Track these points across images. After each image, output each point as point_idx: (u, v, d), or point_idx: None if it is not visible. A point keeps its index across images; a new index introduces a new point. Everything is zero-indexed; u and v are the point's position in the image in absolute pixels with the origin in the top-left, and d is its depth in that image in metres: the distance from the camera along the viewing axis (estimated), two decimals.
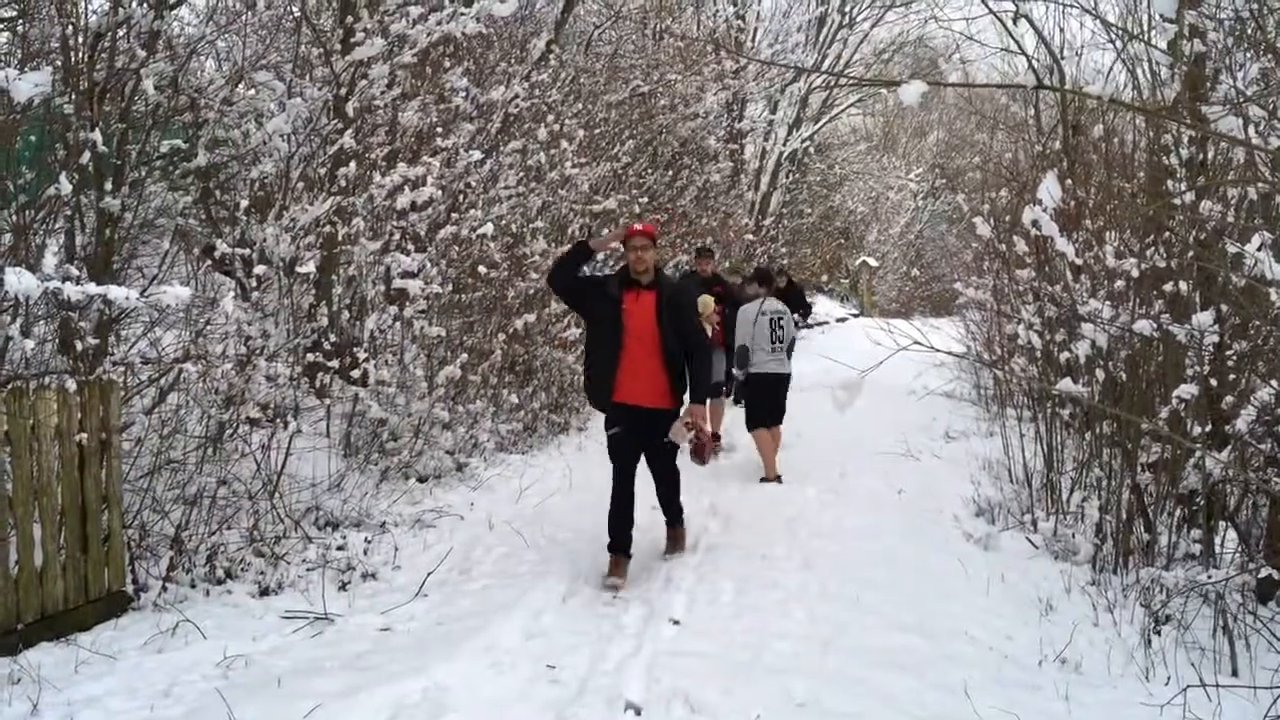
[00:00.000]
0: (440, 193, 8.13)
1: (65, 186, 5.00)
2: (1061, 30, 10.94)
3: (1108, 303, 6.82)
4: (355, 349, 7.49)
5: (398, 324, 8.10)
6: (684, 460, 6.53)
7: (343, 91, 7.48)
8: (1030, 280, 8.34)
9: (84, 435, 4.89)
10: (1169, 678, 4.63)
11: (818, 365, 12.88)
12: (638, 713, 4.19)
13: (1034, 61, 9.37)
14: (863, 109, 31.03)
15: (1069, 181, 7.84)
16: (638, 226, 6.18)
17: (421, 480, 7.89)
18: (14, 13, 5.75)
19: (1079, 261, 7.21)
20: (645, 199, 13.49)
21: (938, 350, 3.63)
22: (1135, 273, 6.52)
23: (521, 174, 9.74)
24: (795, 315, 10.06)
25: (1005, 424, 9.13)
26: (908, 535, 6.95)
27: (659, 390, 6.14)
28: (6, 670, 4.29)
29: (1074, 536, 6.63)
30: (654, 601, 5.66)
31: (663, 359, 6.11)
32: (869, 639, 5.02)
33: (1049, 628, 5.27)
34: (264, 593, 5.53)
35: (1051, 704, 4.40)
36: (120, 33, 5.94)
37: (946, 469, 9.07)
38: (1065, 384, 6.17)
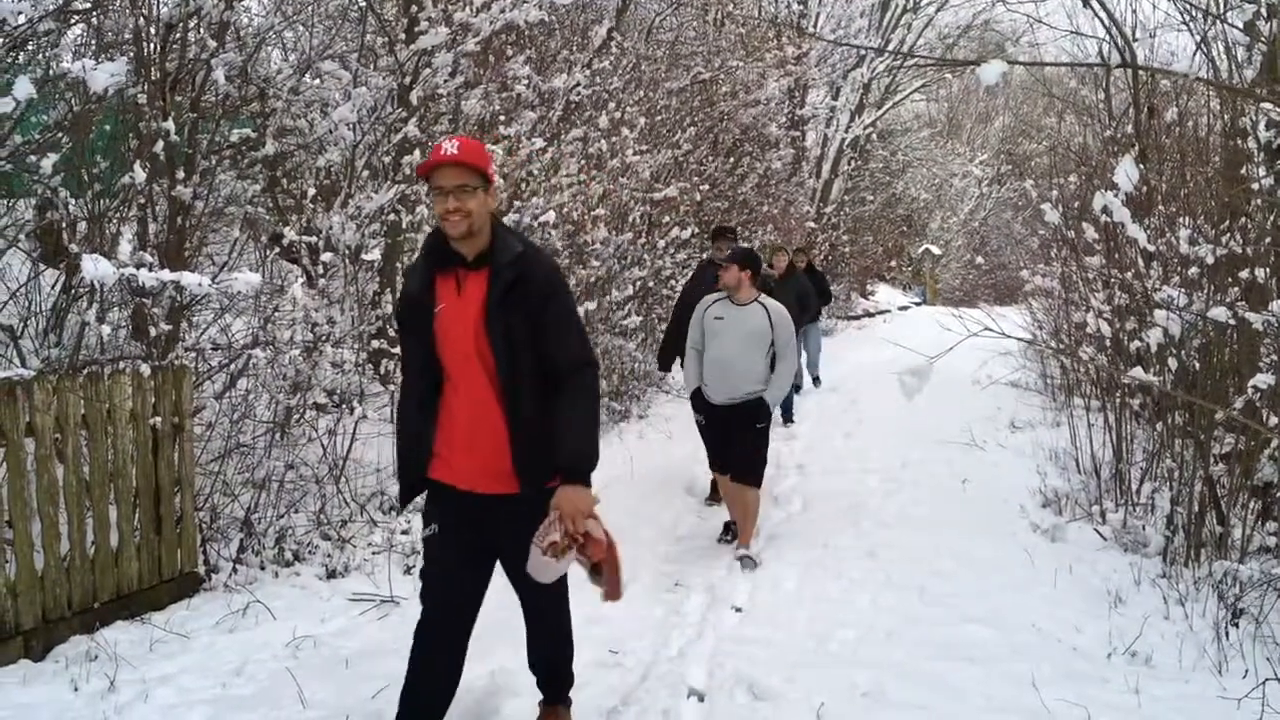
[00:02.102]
0: (502, 181, 8.16)
1: (139, 175, 5.11)
2: (1135, 12, 10.68)
3: (1181, 290, 6.67)
4: None
5: None
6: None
7: (407, 80, 7.55)
8: (1100, 267, 8.17)
9: (158, 419, 4.99)
10: (1245, 671, 4.52)
11: (884, 353, 12.77)
12: (701, 699, 4.19)
13: (1104, 44, 9.20)
14: (926, 94, 30.68)
15: (1141, 166, 7.67)
16: (447, 145, 3.26)
17: None
18: (88, 4, 5.85)
19: (1151, 248, 7.05)
20: (706, 186, 13.45)
21: (1009, 336, 3.57)
22: (1210, 259, 6.36)
23: (582, 162, 9.75)
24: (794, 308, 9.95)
25: (1073, 414, 8.96)
26: (973, 526, 6.86)
27: (498, 463, 3.35)
28: (84, 647, 4.40)
29: (1144, 528, 6.50)
30: (716, 588, 5.66)
31: (500, 404, 3.33)
32: (934, 630, 4.97)
33: (1118, 620, 5.17)
34: (331, 575, 5.62)
35: (1122, 697, 4.32)
36: (191, 24, 6.04)
37: (1012, 459, 8.93)
38: (1136, 372, 6.04)
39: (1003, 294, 29.31)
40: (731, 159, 15.17)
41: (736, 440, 6.31)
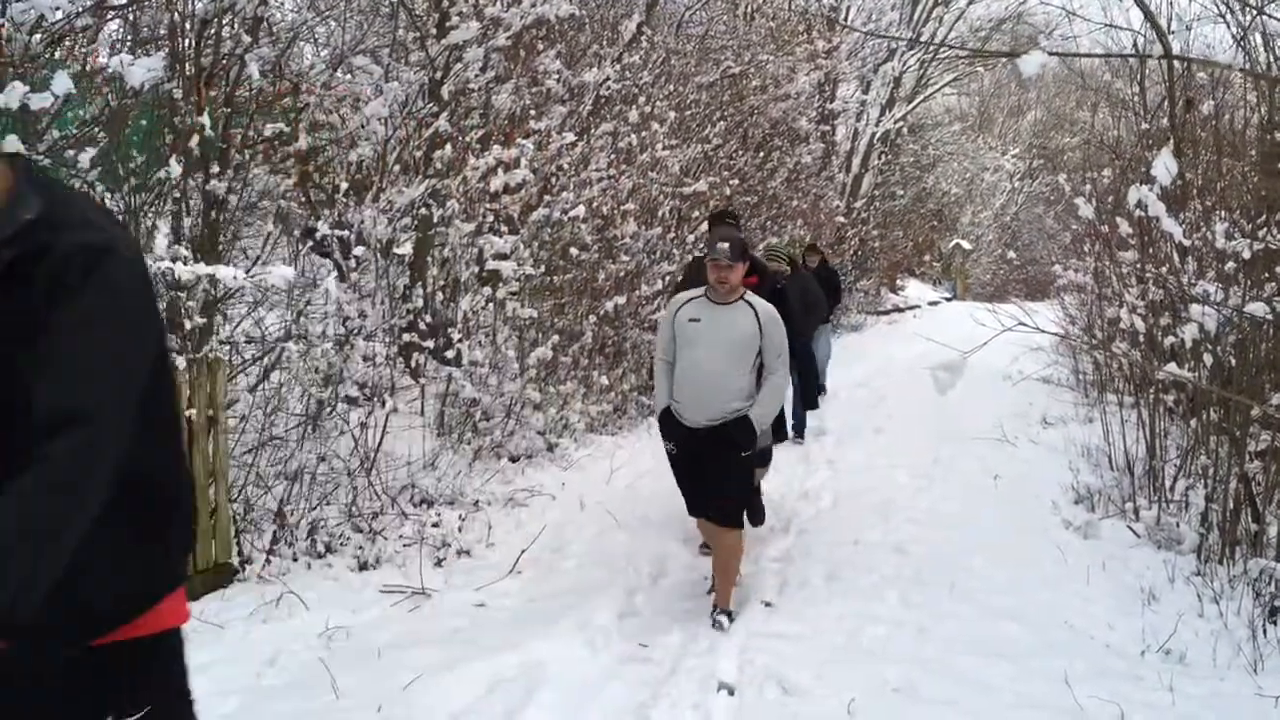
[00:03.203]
0: (532, 175, 8.19)
1: (175, 169, 5.15)
2: (1171, 4, 10.55)
3: (1217, 285, 6.60)
4: (449, 330, 7.59)
5: (490, 305, 8.19)
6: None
7: (438, 75, 7.57)
8: (1134, 262, 8.10)
9: (193, 411, 5.04)
10: None
11: (914, 348, 12.71)
12: (731, 693, 4.19)
13: (1139, 37, 9.10)
14: (957, 88, 30.47)
15: (1177, 160, 7.59)
16: None
17: (513, 460, 7.98)
18: (124, 0, 5.91)
19: (1186, 242, 6.98)
20: (735, 181, 13.41)
21: (1045, 331, 3.54)
22: (1247, 254, 6.28)
23: (612, 156, 9.75)
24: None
25: (1105, 410, 8.89)
26: (1004, 522, 6.82)
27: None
28: None
29: (1178, 525, 6.44)
30: (745, 583, 5.65)
31: None
32: (965, 626, 4.95)
33: (1152, 618, 5.13)
34: (363, 567, 5.66)
35: (1155, 694, 4.29)
36: (225, 19, 6.08)
37: (1044, 455, 8.87)
38: (1171, 368, 5.98)
39: (1034, 289, 29.11)
40: (761, 153, 15.12)
41: (715, 472, 5.13)
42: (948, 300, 30.32)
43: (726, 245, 5.01)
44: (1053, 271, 13.02)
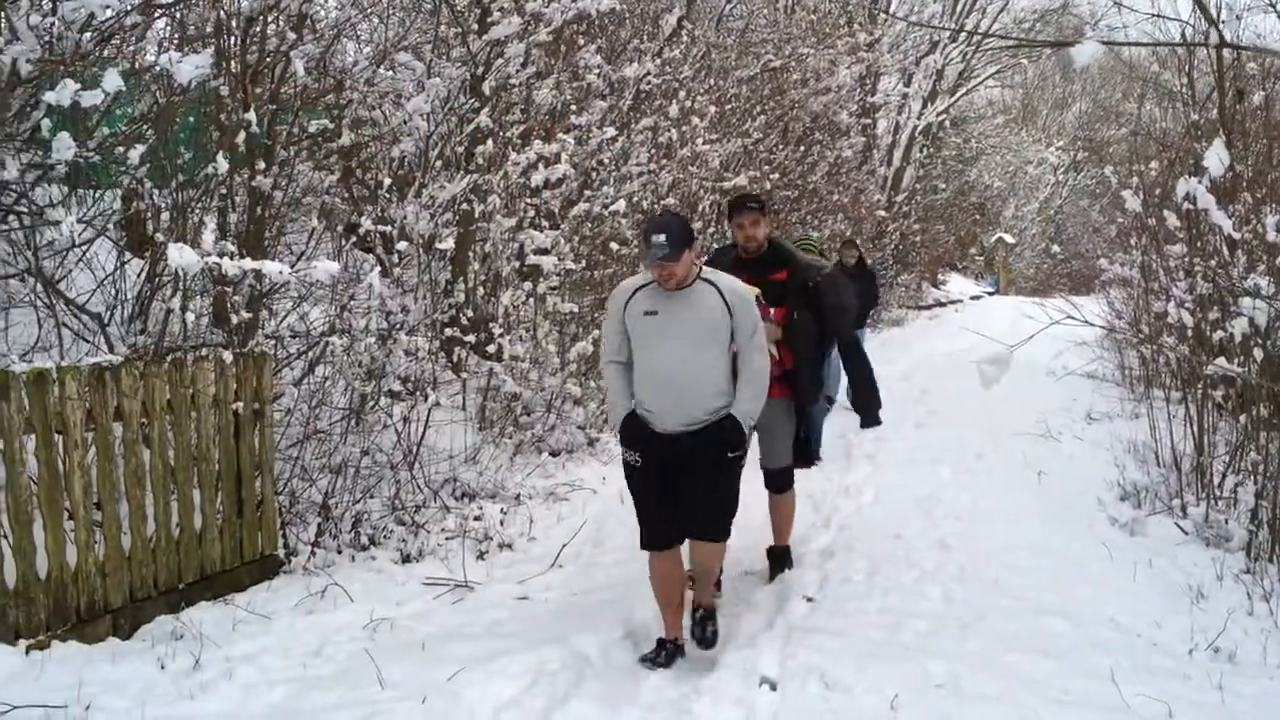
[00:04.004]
0: (573, 170, 8.20)
1: (222, 166, 5.21)
2: None
3: (1268, 278, 6.49)
4: (490, 324, 7.63)
5: (531, 300, 8.22)
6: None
7: (479, 70, 7.61)
8: (1182, 256, 7.98)
9: (239, 404, 5.11)
10: None
11: (956, 343, 12.59)
12: (773, 688, 4.17)
13: (1187, 27, 8.96)
14: (1001, 81, 30.15)
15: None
16: None
17: (554, 454, 8.01)
18: None
19: (1236, 235, 6.87)
20: (776, 175, 13.36)
21: (1094, 325, 3.50)
22: None
23: (652, 151, 9.75)
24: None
25: (1152, 405, 8.77)
26: (1049, 518, 6.75)
27: None
28: (170, 627, 4.53)
29: (1226, 523, 6.34)
30: (786, 578, 5.63)
31: None
32: (1009, 622, 4.90)
33: (1200, 616, 5.06)
34: (406, 559, 5.70)
35: (1204, 694, 4.22)
36: (270, 17, 6.14)
37: (1089, 451, 8.77)
38: (1220, 363, 5.89)
39: (1078, 283, 28.76)
40: (801, 147, 15.05)
41: (697, 480, 4.42)
42: (990, 295, 30.03)
43: (663, 237, 4.18)
44: (1098, 265, 12.84)
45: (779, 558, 5.77)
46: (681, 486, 4.45)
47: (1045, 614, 5.02)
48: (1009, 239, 32.69)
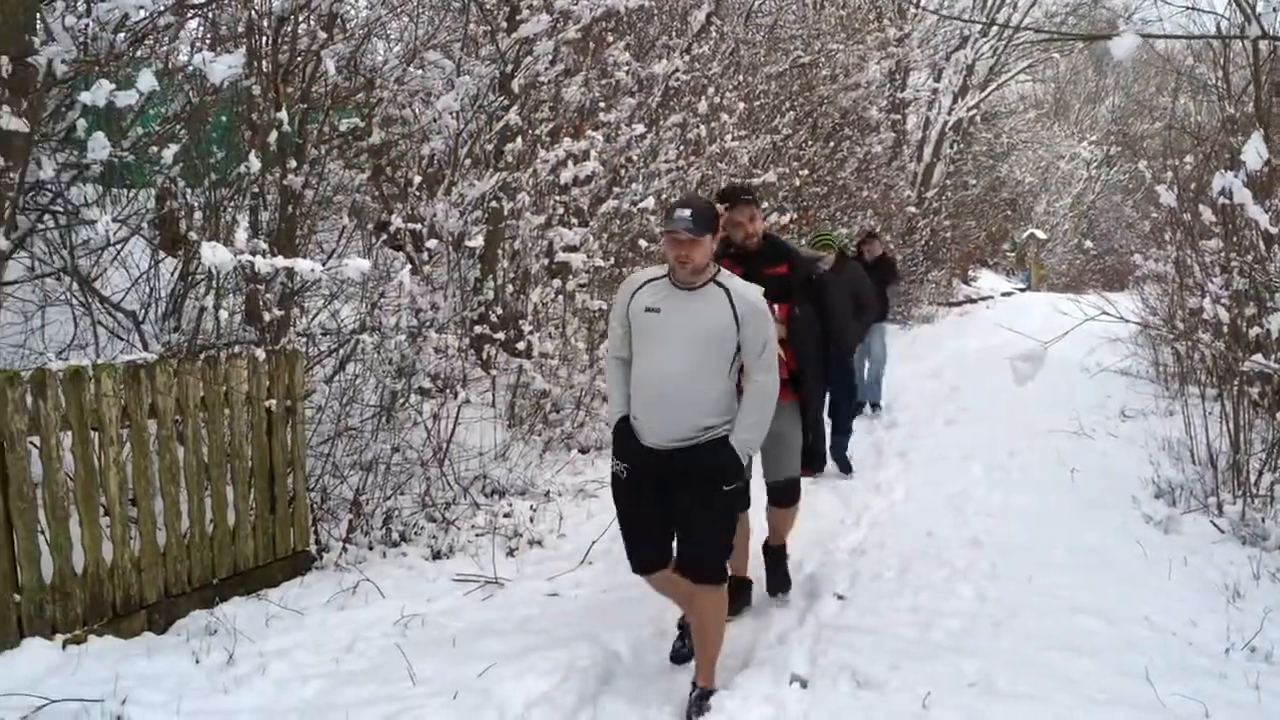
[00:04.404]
0: (602, 167, 8.20)
1: (255, 165, 5.25)
2: None
3: None
4: (519, 322, 7.65)
5: (560, 297, 8.23)
6: None
7: (508, 68, 7.62)
8: (1217, 251, 7.88)
9: (272, 402, 5.14)
10: None
11: (988, 340, 12.49)
12: (804, 686, 4.16)
13: (1222, 20, 8.85)
14: (1032, 75, 29.89)
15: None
16: None
17: (583, 451, 8.02)
18: None
19: (1273, 230, 6.77)
20: (805, 171, 13.32)
21: (1129, 321, 3.47)
22: None
23: (681, 147, 9.73)
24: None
25: (1187, 402, 8.67)
26: (1082, 516, 6.69)
27: None
28: (204, 622, 4.57)
29: (1263, 521, 6.26)
30: (816, 576, 5.62)
31: None
32: (1043, 620, 4.86)
33: (1236, 615, 4.99)
34: (436, 556, 5.72)
35: (1240, 693, 4.17)
36: (301, 16, 6.18)
37: (1123, 449, 8.68)
38: (1257, 359, 5.82)
39: (1111, 279, 28.48)
40: (831, 143, 14.99)
41: (684, 512, 3.95)
42: (1021, 291, 29.81)
43: (688, 212, 3.80)
44: (1132, 261, 12.70)
45: (774, 558, 5.28)
46: (675, 505, 3.98)
47: (1079, 612, 4.97)
48: (1041, 235, 32.42)
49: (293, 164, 5.97)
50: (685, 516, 3.96)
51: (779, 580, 5.28)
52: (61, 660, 3.98)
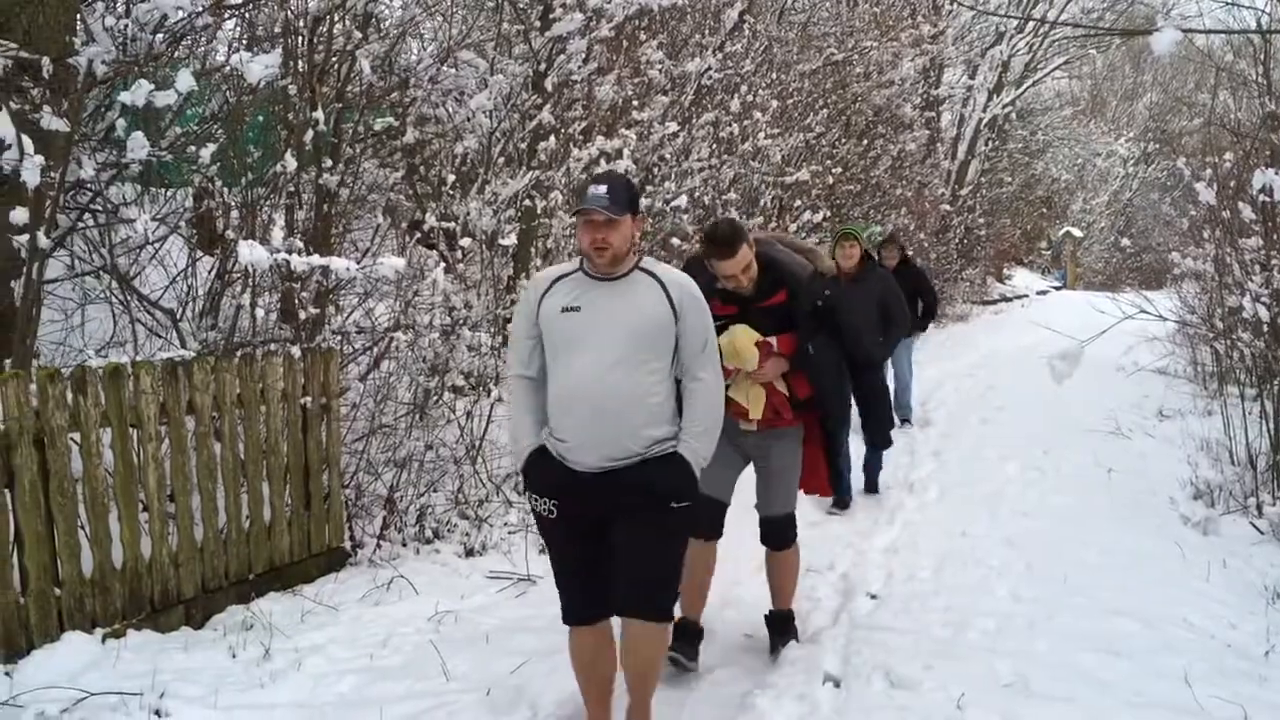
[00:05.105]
0: (634, 165, 8.20)
1: (290, 164, 5.29)
2: None
3: None
4: None
5: None
6: None
7: (541, 67, 7.63)
8: (1258, 249, 7.78)
9: (307, 399, 5.18)
10: None
11: (1022, 338, 12.38)
12: (837, 685, 4.15)
13: (1263, 15, 8.73)
14: (1069, 72, 29.60)
15: None
16: None
17: None
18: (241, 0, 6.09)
19: None
20: (838, 169, 13.26)
21: (1167, 319, 3.42)
22: None
23: (714, 146, 9.72)
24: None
25: (1226, 402, 8.57)
26: (1119, 516, 6.62)
27: None
28: (240, 617, 4.61)
29: None
30: (850, 575, 5.60)
31: None
32: (1079, 622, 4.81)
33: (1276, 617, 4.93)
34: (469, 553, 5.75)
35: None
36: (336, 16, 6.22)
37: (1160, 449, 8.59)
38: None
39: (1148, 278, 28.16)
40: (864, 141, 14.92)
41: (625, 541, 3.37)
42: (1057, 289, 29.54)
43: (604, 189, 3.28)
44: (1170, 259, 12.56)
45: (780, 626, 4.62)
46: (612, 540, 3.40)
47: (1116, 614, 4.92)
48: (1077, 233, 32.11)
49: (328, 163, 6.01)
50: (627, 545, 3.37)
51: (783, 639, 4.60)
52: (101, 654, 4.03)
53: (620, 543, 3.38)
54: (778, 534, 4.56)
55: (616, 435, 3.30)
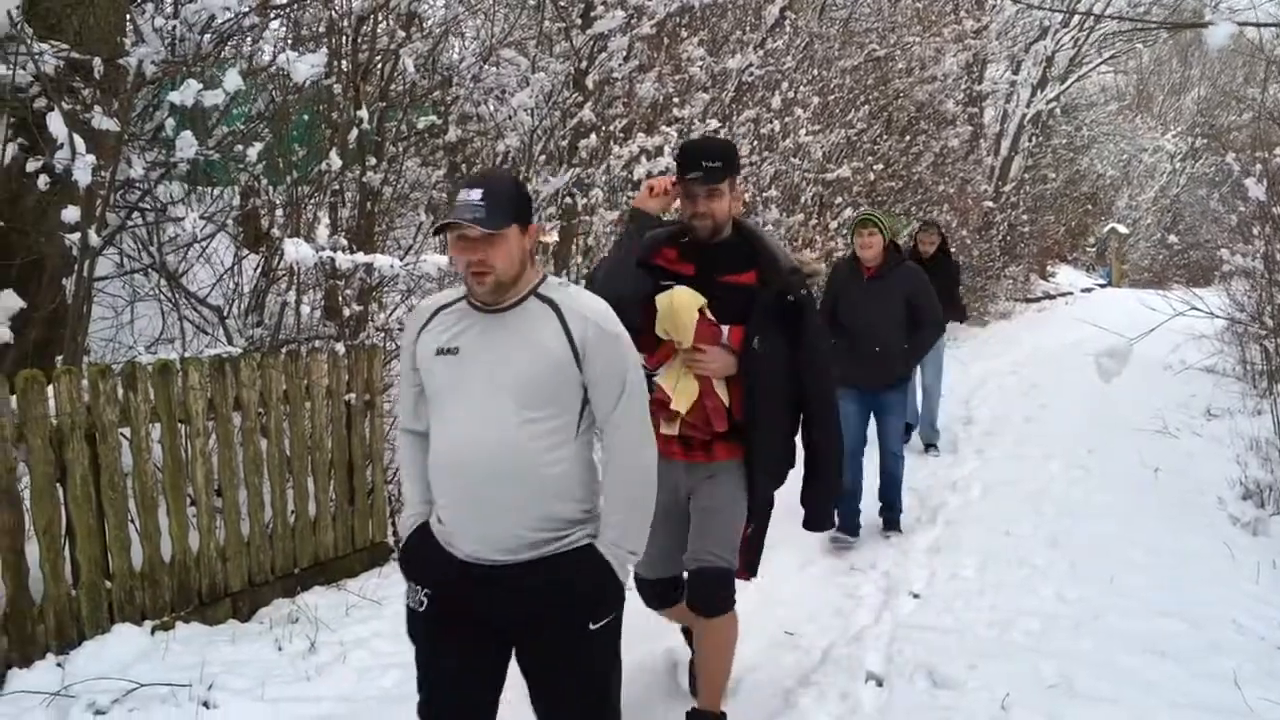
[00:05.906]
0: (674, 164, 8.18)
1: (335, 162, 5.34)
2: None
3: None
4: None
5: None
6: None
7: (582, 65, 7.65)
8: None
9: (351, 396, 5.23)
10: None
11: (1067, 336, 12.25)
12: (879, 684, 4.13)
13: None
14: (1114, 66, 29.19)
15: None
16: None
17: None
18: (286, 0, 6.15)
19: None
20: (880, 166, 13.18)
21: (1217, 315, 3.38)
22: None
23: (754, 143, 9.69)
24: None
25: (1276, 401, 8.43)
26: (1166, 516, 6.54)
27: None
28: (286, 610, 4.66)
29: None
30: (892, 574, 5.57)
31: None
32: (1125, 622, 4.76)
33: None
34: None
35: None
36: (380, 16, 6.26)
37: (1208, 448, 8.46)
38: None
39: (1196, 275, 27.74)
40: (906, 137, 14.81)
41: (537, 674, 2.57)
42: (1101, 287, 29.18)
43: (478, 194, 2.39)
44: (1218, 256, 12.37)
45: None
46: (503, 665, 2.61)
47: (1163, 614, 4.86)
48: (1122, 229, 31.69)
49: (372, 161, 6.06)
50: (538, 681, 2.57)
51: None
52: (150, 645, 4.09)
53: (528, 672, 2.58)
54: (705, 592, 3.41)
55: (503, 520, 2.44)
